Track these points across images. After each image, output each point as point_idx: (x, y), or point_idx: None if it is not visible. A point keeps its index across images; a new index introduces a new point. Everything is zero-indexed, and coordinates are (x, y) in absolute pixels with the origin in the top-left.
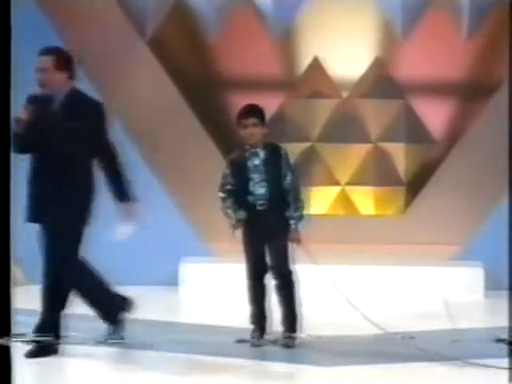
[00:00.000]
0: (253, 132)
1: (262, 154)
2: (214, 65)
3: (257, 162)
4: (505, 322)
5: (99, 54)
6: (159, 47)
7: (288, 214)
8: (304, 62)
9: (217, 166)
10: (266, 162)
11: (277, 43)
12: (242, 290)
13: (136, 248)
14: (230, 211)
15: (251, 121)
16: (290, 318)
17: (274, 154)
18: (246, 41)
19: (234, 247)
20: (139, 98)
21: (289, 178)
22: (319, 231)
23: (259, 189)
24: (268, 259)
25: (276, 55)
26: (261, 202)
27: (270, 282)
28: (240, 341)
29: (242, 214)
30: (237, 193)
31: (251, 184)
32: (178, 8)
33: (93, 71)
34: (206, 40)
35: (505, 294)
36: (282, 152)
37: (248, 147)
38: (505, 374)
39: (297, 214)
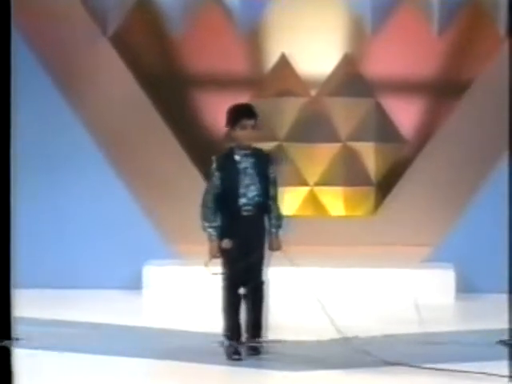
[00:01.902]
0: (251, 134)
1: (252, 156)
2: (179, 62)
3: (246, 164)
4: (475, 326)
5: (60, 51)
6: (122, 43)
7: (270, 221)
8: (271, 59)
9: (182, 165)
10: (255, 165)
11: (243, 40)
12: (208, 293)
13: (97, 250)
14: (210, 229)
15: (252, 122)
16: (257, 326)
17: (264, 159)
18: (211, 37)
19: (199, 249)
20: (101, 95)
21: (274, 185)
22: (287, 233)
23: (248, 193)
24: (244, 269)
25: (242, 52)
26: (247, 207)
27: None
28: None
29: (226, 243)
30: (223, 196)
31: (240, 187)
32: (141, 3)
33: (54, 68)
34: (170, 36)
35: (476, 296)
36: (272, 158)
37: (237, 148)
38: (463, 378)
39: (279, 221)
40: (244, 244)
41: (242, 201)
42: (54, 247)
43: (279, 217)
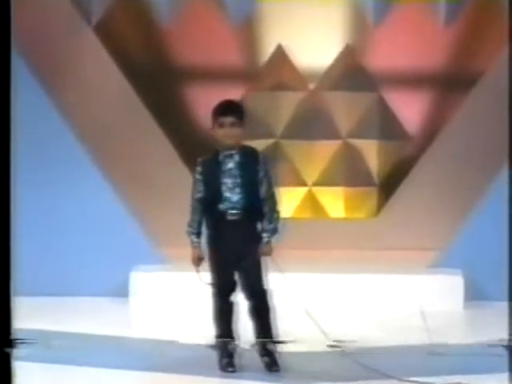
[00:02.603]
0: (230, 132)
1: (237, 156)
2: (168, 54)
3: (231, 165)
4: (485, 337)
5: (42, 41)
6: (107, 33)
7: (261, 225)
8: (267, 50)
9: (171, 166)
10: (241, 165)
11: (237, 30)
12: (200, 301)
13: (80, 255)
14: (192, 236)
15: (229, 119)
16: (267, 340)
17: (251, 158)
18: (202, 27)
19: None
20: (85, 88)
21: (265, 186)
22: (284, 236)
23: (232, 195)
24: (238, 277)
25: (236, 43)
26: (233, 211)
27: (239, 301)
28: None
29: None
30: (207, 200)
31: (223, 189)
32: None
33: (36, 59)
34: (159, 26)
35: (486, 304)
36: (260, 156)
37: (221, 149)
38: None
39: (271, 226)
40: (231, 250)
41: (227, 205)
42: (35, 252)
43: (271, 220)
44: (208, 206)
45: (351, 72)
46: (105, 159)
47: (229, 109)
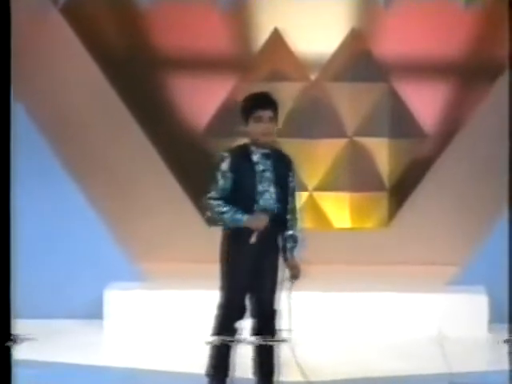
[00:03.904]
0: (268, 129)
1: (272, 158)
2: (148, 39)
3: (265, 167)
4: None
5: None
6: (76, 16)
7: (284, 240)
8: (261, 35)
9: (150, 167)
10: (274, 169)
11: (227, 12)
12: (183, 322)
13: (50, 272)
14: (236, 215)
15: (268, 113)
16: (269, 369)
17: (284, 163)
18: (187, 9)
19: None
20: (52, 77)
21: (293, 196)
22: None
23: (264, 201)
24: (250, 296)
25: (226, 27)
26: None
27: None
28: None
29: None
30: (233, 203)
31: (256, 193)
32: None
33: None
34: (136, 9)
35: None
36: (293, 163)
37: (254, 147)
38: None
39: (295, 244)
40: (252, 265)
41: (258, 210)
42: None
43: (294, 228)
44: (238, 207)
45: (358, 60)
46: (75, 163)
47: (268, 101)
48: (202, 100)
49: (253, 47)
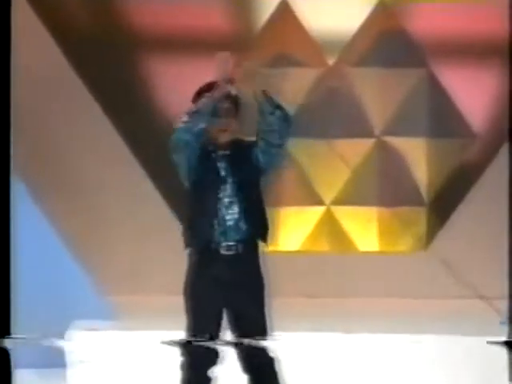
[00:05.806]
0: (228, 124)
1: (230, 159)
2: (124, 18)
3: (224, 172)
4: None
5: None
6: None
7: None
8: (266, 8)
9: (124, 175)
10: (235, 171)
11: None
12: (161, 369)
13: None
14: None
15: (225, 105)
16: None
17: (246, 157)
18: None
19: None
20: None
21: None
22: (291, 276)
23: (228, 220)
24: (231, 328)
25: (222, 1)
26: (229, 243)
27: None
28: None
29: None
30: (197, 222)
31: (219, 210)
32: None
33: None
34: None
35: None
36: (254, 143)
37: (212, 147)
38: None
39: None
40: (223, 294)
41: (219, 235)
42: None
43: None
44: (194, 230)
45: (387, 41)
46: (33, 169)
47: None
48: (189, 91)
49: (255, 23)
